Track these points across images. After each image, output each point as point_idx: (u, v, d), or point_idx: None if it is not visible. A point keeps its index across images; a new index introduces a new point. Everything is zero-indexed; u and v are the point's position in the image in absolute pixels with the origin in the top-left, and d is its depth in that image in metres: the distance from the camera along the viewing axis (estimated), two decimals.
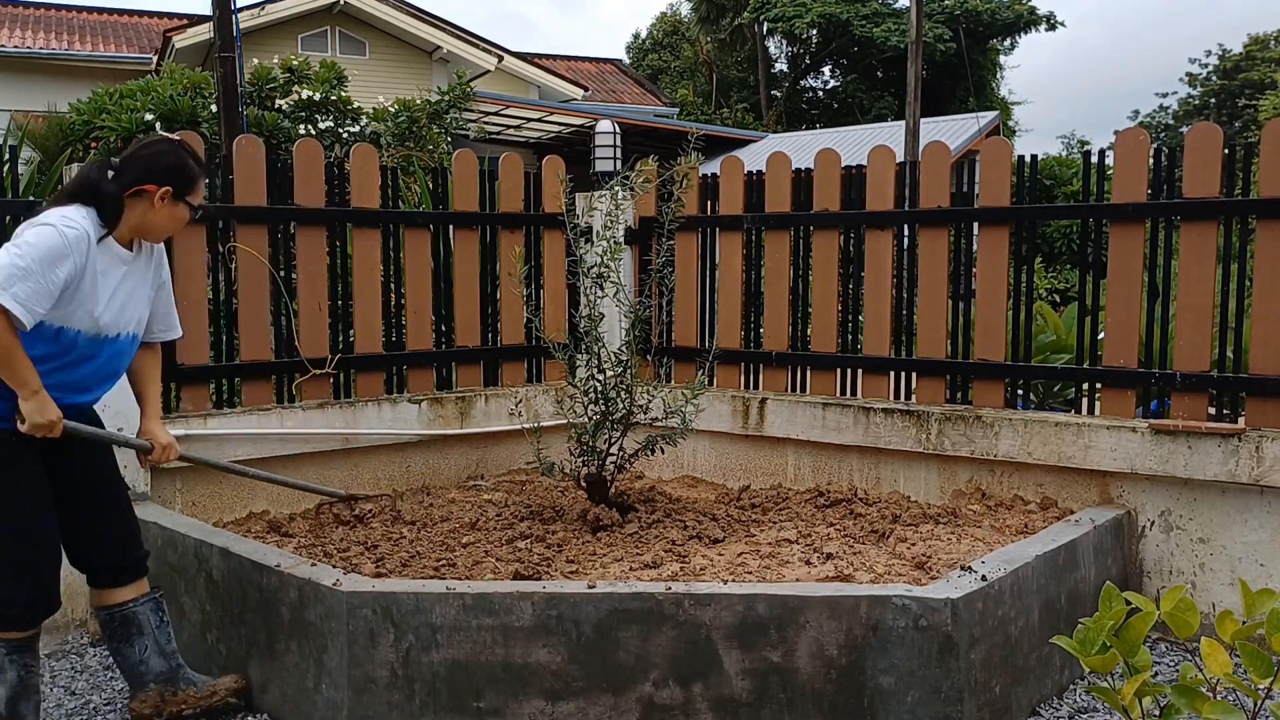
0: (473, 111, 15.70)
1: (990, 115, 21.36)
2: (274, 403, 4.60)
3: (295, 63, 12.23)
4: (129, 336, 3.16)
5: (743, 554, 3.72)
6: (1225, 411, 4.11)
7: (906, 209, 4.81)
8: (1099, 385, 4.41)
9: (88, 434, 3.12)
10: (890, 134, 19.23)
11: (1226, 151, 4.08)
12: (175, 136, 3.28)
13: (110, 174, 3.06)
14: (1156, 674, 3.55)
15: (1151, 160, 4.22)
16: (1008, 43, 32.47)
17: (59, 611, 3.94)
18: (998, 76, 32.93)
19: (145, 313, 3.21)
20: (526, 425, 4.80)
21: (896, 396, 4.92)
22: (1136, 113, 47.66)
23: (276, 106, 11.60)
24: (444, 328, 5.18)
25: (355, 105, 12.26)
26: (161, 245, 3.30)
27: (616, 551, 3.81)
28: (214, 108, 10.05)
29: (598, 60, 30.03)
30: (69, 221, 2.92)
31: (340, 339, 4.80)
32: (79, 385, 3.09)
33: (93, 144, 11.03)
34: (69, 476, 3.16)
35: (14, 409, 2.93)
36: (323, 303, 4.72)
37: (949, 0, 29.92)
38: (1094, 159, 4.44)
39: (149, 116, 10.74)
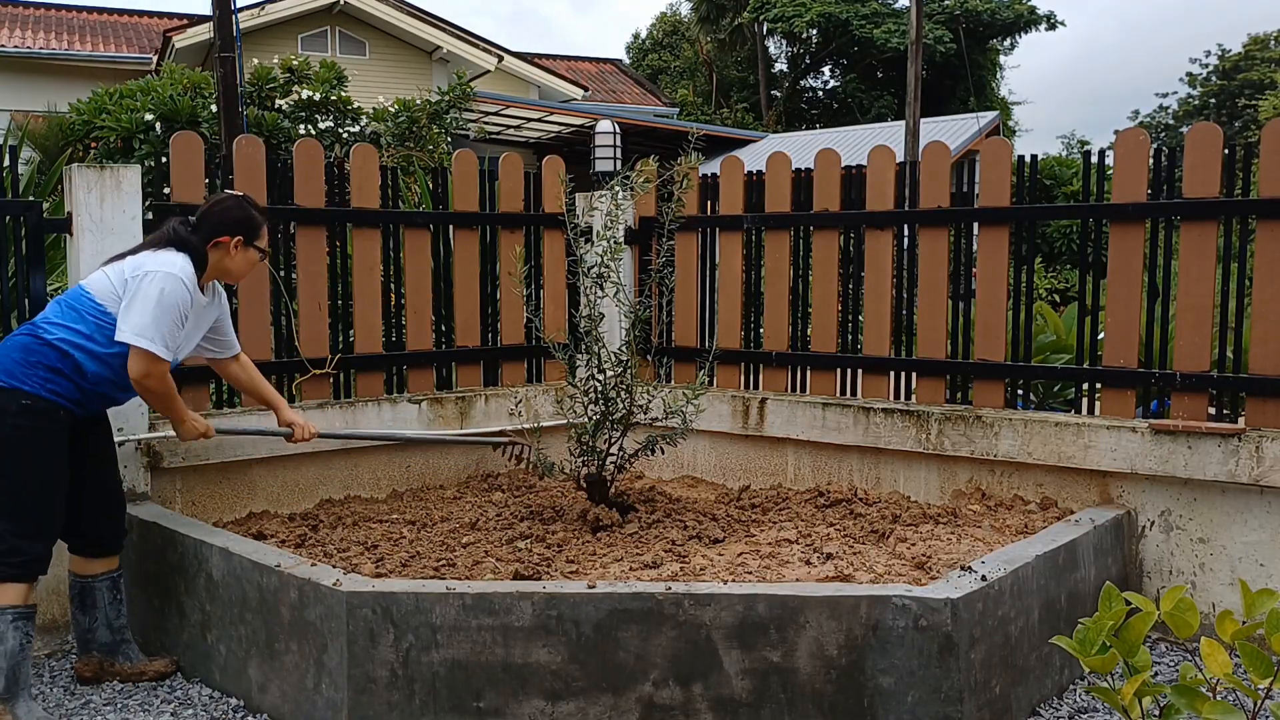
0: (473, 111, 15.70)
1: (990, 115, 21.35)
2: None
3: (295, 63, 12.23)
4: (178, 361, 3.64)
5: (743, 554, 3.72)
6: (1225, 411, 4.11)
7: (906, 209, 4.81)
8: (1099, 385, 4.41)
9: (240, 432, 3.94)
10: (890, 134, 19.22)
11: (1226, 151, 4.08)
12: (239, 193, 3.81)
13: (190, 230, 3.57)
14: (1156, 674, 3.55)
15: (1151, 160, 4.22)
16: (1008, 43, 32.47)
17: (58, 612, 3.97)
18: (998, 76, 32.92)
19: (196, 342, 3.74)
20: (526, 425, 4.80)
21: (896, 396, 4.92)
22: (1136, 113, 47.66)
23: (276, 106, 11.60)
24: (444, 328, 5.17)
25: (355, 105, 12.27)
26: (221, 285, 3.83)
27: (616, 551, 3.81)
28: (214, 108, 10.06)
29: (598, 60, 30.02)
30: (186, 270, 3.45)
31: (340, 339, 4.80)
32: (122, 399, 3.61)
33: (93, 144, 11.03)
34: (86, 456, 3.54)
35: (75, 390, 3.38)
36: (323, 303, 4.72)
37: (949, 0, 29.92)
38: (1094, 159, 4.44)
39: (149, 116, 10.75)
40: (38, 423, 3.31)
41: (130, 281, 3.39)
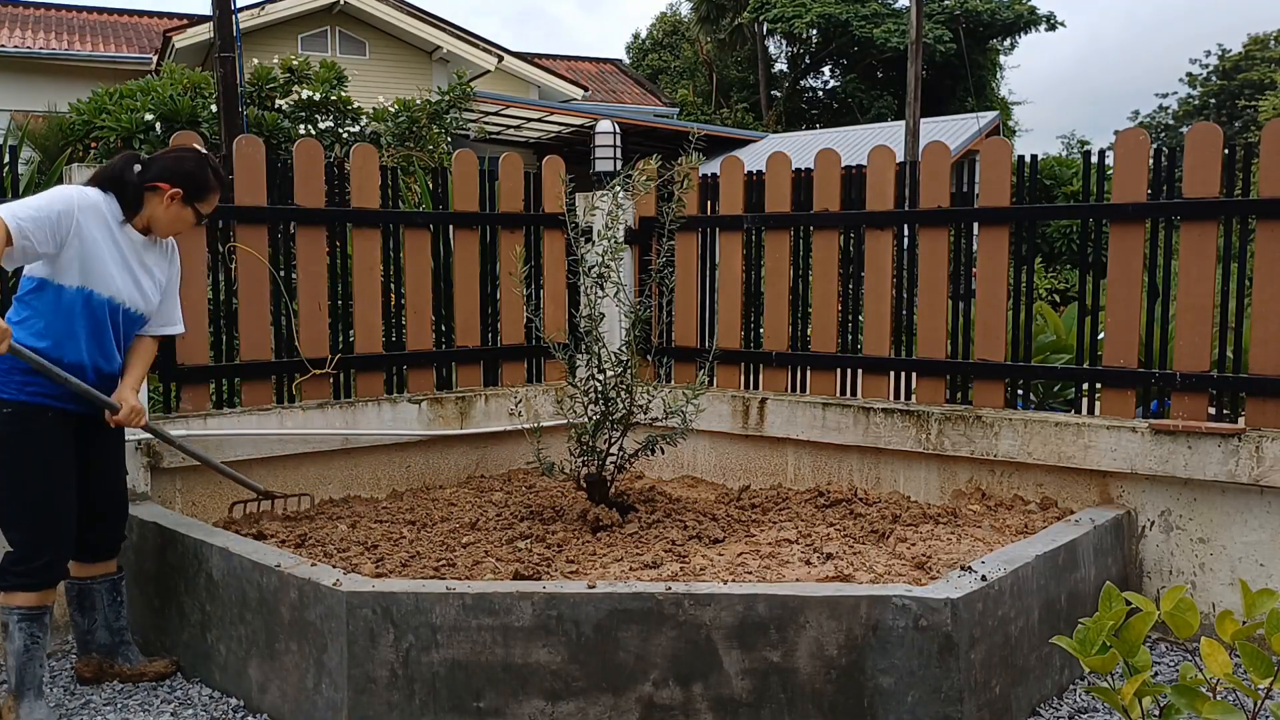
0: (473, 111, 15.69)
1: (990, 115, 21.36)
2: (274, 403, 4.60)
3: (295, 63, 12.21)
4: (139, 313, 3.47)
5: (743, 554, 3.72)
6: (1225, 411, 4.11)
7: (906, 209, 4.81)
8: (1099, 385, 4.41)
9: (56, 375, 3.26)
10: (890, 134, 19.23)
11: (1226, 151, 4.08)
12: (205, 151, 3.59)
13: (137, 168, 3.40)
14: (1156, 674, 3.55)
15: (1151, 160, 4.22)
16: (1008, 43, 32.48)
17: (58, 612, 3.97)
18: (998, 76, 32.94)
19: (156, 300, 3.52)
20: (526, 425, 4.80)
21: (896, 396, 4.92)
22: (1136, 113, 47.68)
23: (276, 106, 11.59)
24: (444, 328, 5.18)
25: (355, 105, 12.25)
26: (175, 242, 3.61)
27: (616, 551, 3.80)
28: (214, 108, 10.05)
29: (598, 60, 30.03)
30: (84, 192, 3.32)
31: (340, 339, 4.80)
32: (107, 353, 3.41)
33: (93, 144, 11.01)
34: (90, 457, 3.48)
35: (52, 385, 3.26)
36: (323, 303, 4.72)
37: (949, 0, 29.92)
38: (1094, 159, 4.44)
39: (149, 116, 10.73)
40: (25, 427, 3.26)
41: None
